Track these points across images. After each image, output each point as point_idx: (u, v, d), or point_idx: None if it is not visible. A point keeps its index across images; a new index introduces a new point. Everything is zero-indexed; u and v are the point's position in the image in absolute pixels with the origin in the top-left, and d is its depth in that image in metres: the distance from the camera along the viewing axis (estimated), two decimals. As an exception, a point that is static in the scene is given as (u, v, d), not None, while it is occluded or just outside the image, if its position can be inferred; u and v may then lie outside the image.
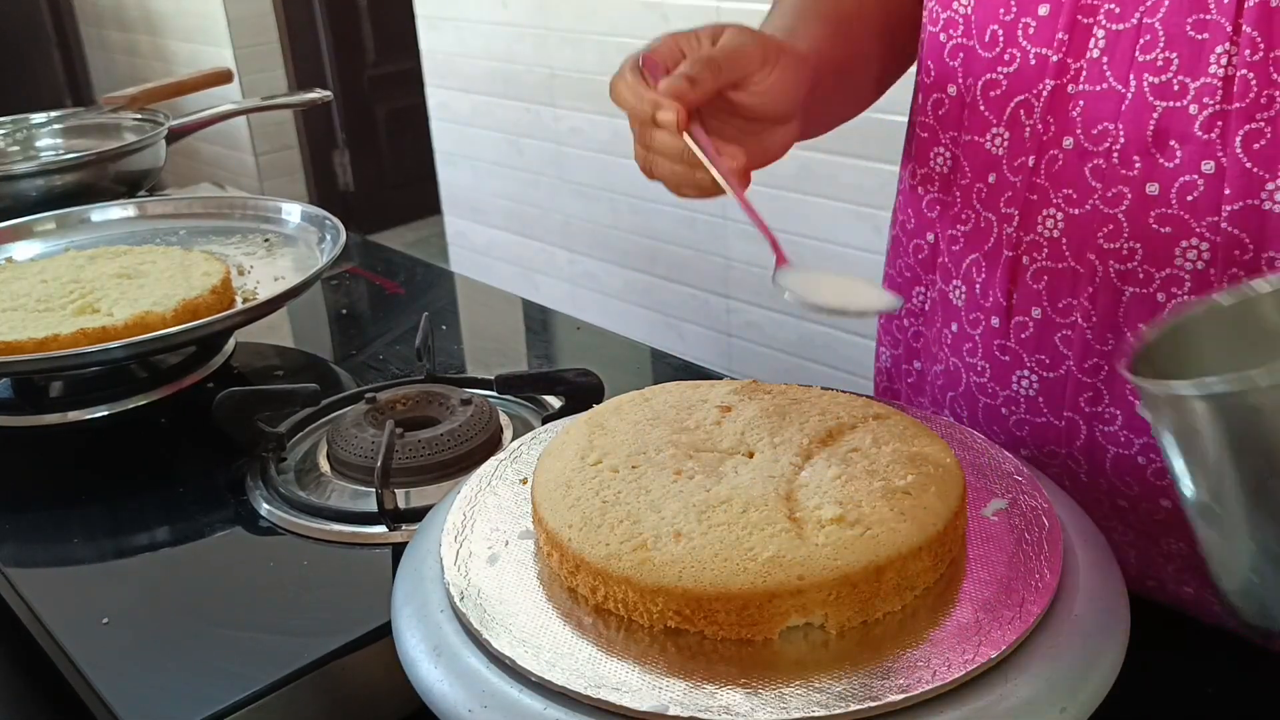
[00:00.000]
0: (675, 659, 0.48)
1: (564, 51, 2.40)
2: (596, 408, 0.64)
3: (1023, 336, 0.70)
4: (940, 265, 0.77)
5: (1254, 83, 0.58)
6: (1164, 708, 0.59)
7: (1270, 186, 0.59)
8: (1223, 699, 0.60)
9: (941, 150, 0.74)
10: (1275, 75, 0.58)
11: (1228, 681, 0.62)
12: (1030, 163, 0.67)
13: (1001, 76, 0.68)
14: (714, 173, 0.61)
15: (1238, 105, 0.59)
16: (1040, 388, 0.71)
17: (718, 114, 0.64)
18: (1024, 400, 0.72)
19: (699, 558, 0.49)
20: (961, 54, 0.71)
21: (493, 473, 0.63)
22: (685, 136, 0.61)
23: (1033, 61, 0.66)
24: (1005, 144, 0.69)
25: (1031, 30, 0.66)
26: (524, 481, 0.62)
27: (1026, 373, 0.71)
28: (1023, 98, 0.67)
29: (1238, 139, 0.59)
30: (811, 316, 2.15)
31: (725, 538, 0.50)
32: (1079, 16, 0.64)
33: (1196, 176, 0.61)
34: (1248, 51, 0.58)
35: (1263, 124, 0.59)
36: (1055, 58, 0.65)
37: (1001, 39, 0.68)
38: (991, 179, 0.70)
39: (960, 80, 0.71)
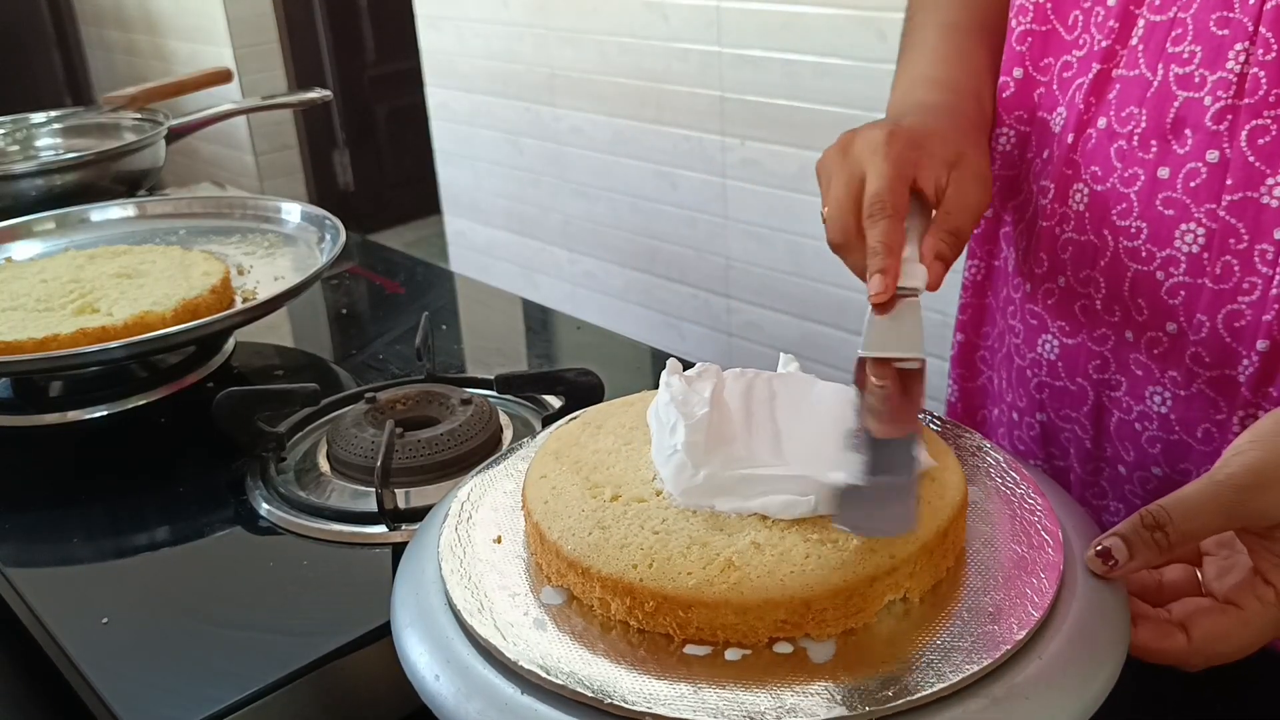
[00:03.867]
0: (664, 658, 0.48)
1: (564, 51, 2.40)
2: (588, 410, 0.64)
3: (1049, 303, 0.74)
4: (1004, 234, 0.81)
5: (1264, 81, 0.61)
6: (1164, 708, 0.59)
7: (1270, 181, 0.62)
8: (1223, 699, 0.60)
9: (1005, 131, 0.77)
10: None
11: (1228, 681, 0.62)
12: (1070, 139, 0.71)
13: (1074, 59, 0.72)
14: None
15: (1247, 101, 0.62)
16: (1060, 352, 0.75)
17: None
18: (1045, 364, 0.76)
19: (793, 562, 0.49)
20: (1030, 39, 0.74)
21: (494, 470, 0.63)
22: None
23: (1095, 47, 0.70)
24: (1062, 121, 0.72)
25: (1100, 17, 0.70)
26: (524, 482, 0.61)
27: (1050, 337, 0.75)
28: (1081, 80, 0.71)
29: (1244, 133, 0.62)
30: (813, 316, 2.15)
31: (805, 536, 0.50)
32: (1130, 6, 0.68)
33: (1201, 164, 0.64)
34: (1261, 51, 0.61)
35: (1269, 121, 0.62)
36: (1105, 44, 0.69)
37: (1080, 23, 0.72)
38: (1046, 154, 0.74)
39: (1028, 63, 0.75)
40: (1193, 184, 0.64)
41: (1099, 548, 0.51)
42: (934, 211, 0.62)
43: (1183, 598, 0.53)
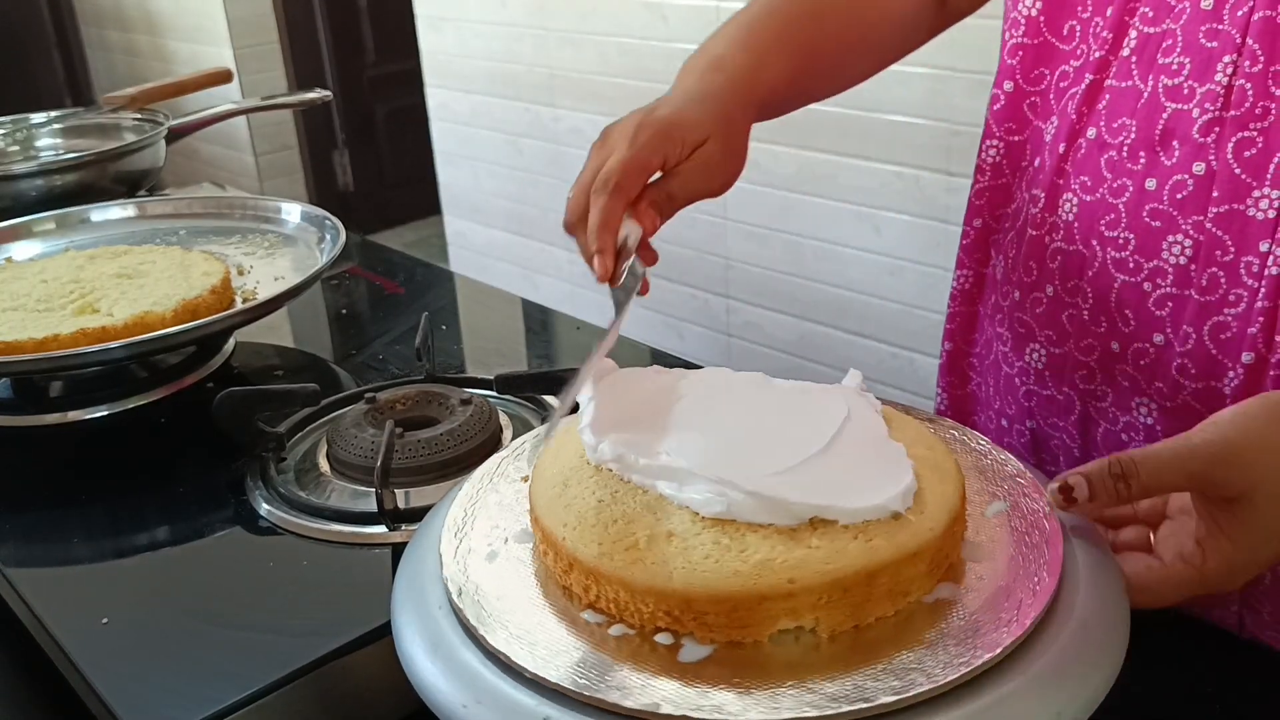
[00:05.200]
0: (666, 658, 0.48)
1: (564, 51, 2.40)
2: None
3: (1037, 311, 0.74)
4: (993, 242, 0.81)
5: (1251, 93, 0.61)
6: (1164, 708, 0.59)
7: (1256, 193, 0.62)
8: (1223, 699, 0.60)
9: (995, 143, 0.78)
10: (1272, 88, 0.61)
11: (1228, 681, 0.62)
12: (1061, 149, 0.71)
13: (1071, 69, 0.72)
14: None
15: (1234, 113, 0.62)
16: (1047, 361, 0.75)
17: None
18: (1033, 372, 0.76)
19: (690, 559, 0.49)
20: (1021, 52, 0.75)
21: (494, 470, 0.63)
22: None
23: (1091, 58, 0.70)
24: (1054, 130, 0.72)
25: (1097, 28, 0.70)
26: (525, 479, 0.61)
27: (1037, 345, 0.75)
28: (1074, 90, 0.71)
29: (1230, 145, 0.62)
30: (812, 316, 2.15)
31: (719, 539, 0.50)
32: (1124, 17, 0.68)
33: (1188, 176, 0.64)
34: (1248, 63, 0.61)
35: (1255, 133, 0.62)
36: (1099, 54, 0.69)
37: (1078, 34, 0.72)
38: (1037, 162, 0.74)
39: (1019, 76, 0.75)
40: (1180, 196, 0.64)
41: (1061, 483, 0.53)
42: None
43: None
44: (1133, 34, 0.67)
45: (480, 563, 0.55)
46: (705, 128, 0.67)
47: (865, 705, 0.44)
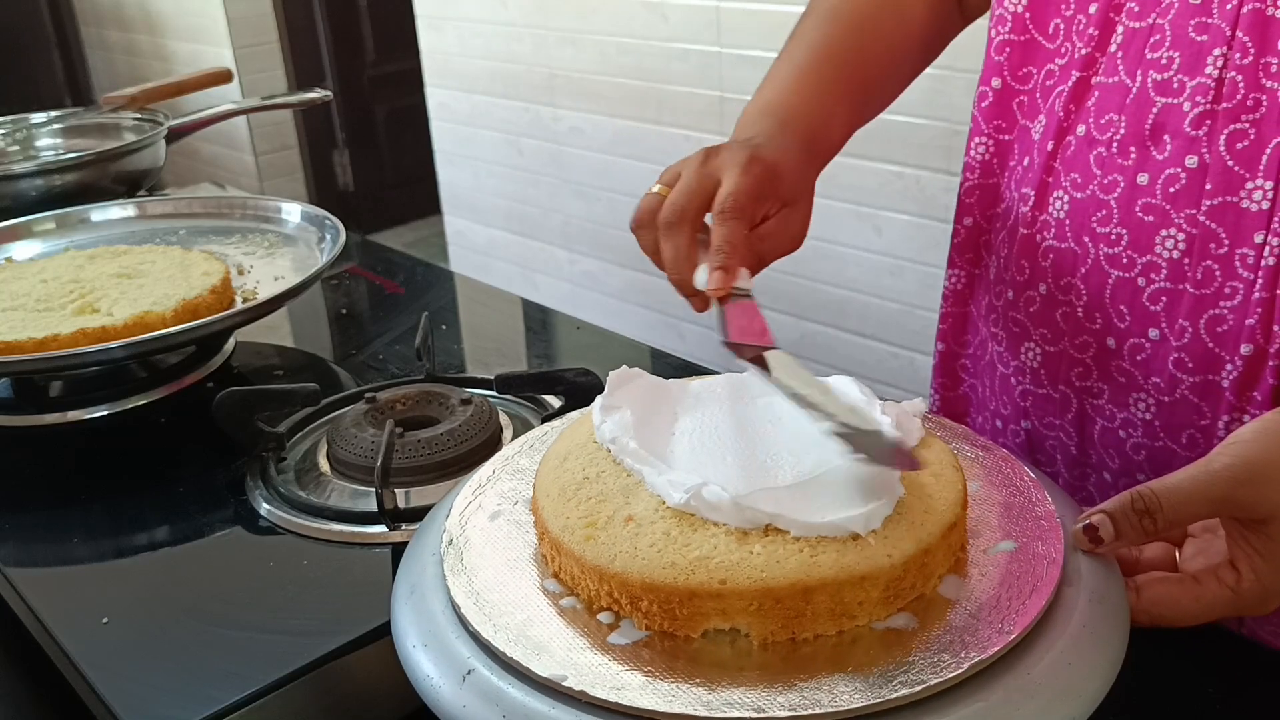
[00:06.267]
0: (600, 637, 0.49)
1: (564, 51, 2.40)
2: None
3: (1030, 310, 0.74)
4: (984, 243, 0.81)
5: (1242, 85, 0.61)
6: (1164, 708, 0.59)
7: (1249, 185, 0.62)
8: (1223, 699, 0.60)
9: (983, 140, 0.78)
10: (1263, 80, 0.61)
11: (1228, 681, 0.62)
12: (1050, 147, 0.71)
13: (1056, 67, 0.72)
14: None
15: (1225, 106, 0.62)
16: (1042, 360, 0.75)
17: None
18: (1029, 371, 0.76)
19: (636, 545, 0.50)
20: (1008, 49, 0.75)
21: (489, 475, 0.63)
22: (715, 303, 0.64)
23: (1077, 55, 0.70)
24: (1042, 129, 0.72)
25: (1081, 25, 0.70)
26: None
27: (1032, 344, 0.75)
28: (1061, 88, 0.71)
29: (1222, 138, 0.62)
30: (813, 316, 2.15)
31: (670, 530, 0.50)
32: (1110, 14, 0.68)
33: (1180, 170, 0.64)
34: (1239, 55, 0.61)
35: (1247, 125, 0.62)
36: (1085, 51, 0.69)
37: (1061, 32, 0.72)
38: (1026, 161, 0.74)
39: (1006, 73, 0.75)
40: (1172, 190, 0.64)
41: (1086, 523, 0.51)
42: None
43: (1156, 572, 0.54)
44: (1119, 30, 0.67)
45: (483, 519, 0.57)
46: (798, 188, 0.69)
47: (755, 715, 0.43)
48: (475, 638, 0.50)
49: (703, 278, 0.64)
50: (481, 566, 0.54)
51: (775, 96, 0.77)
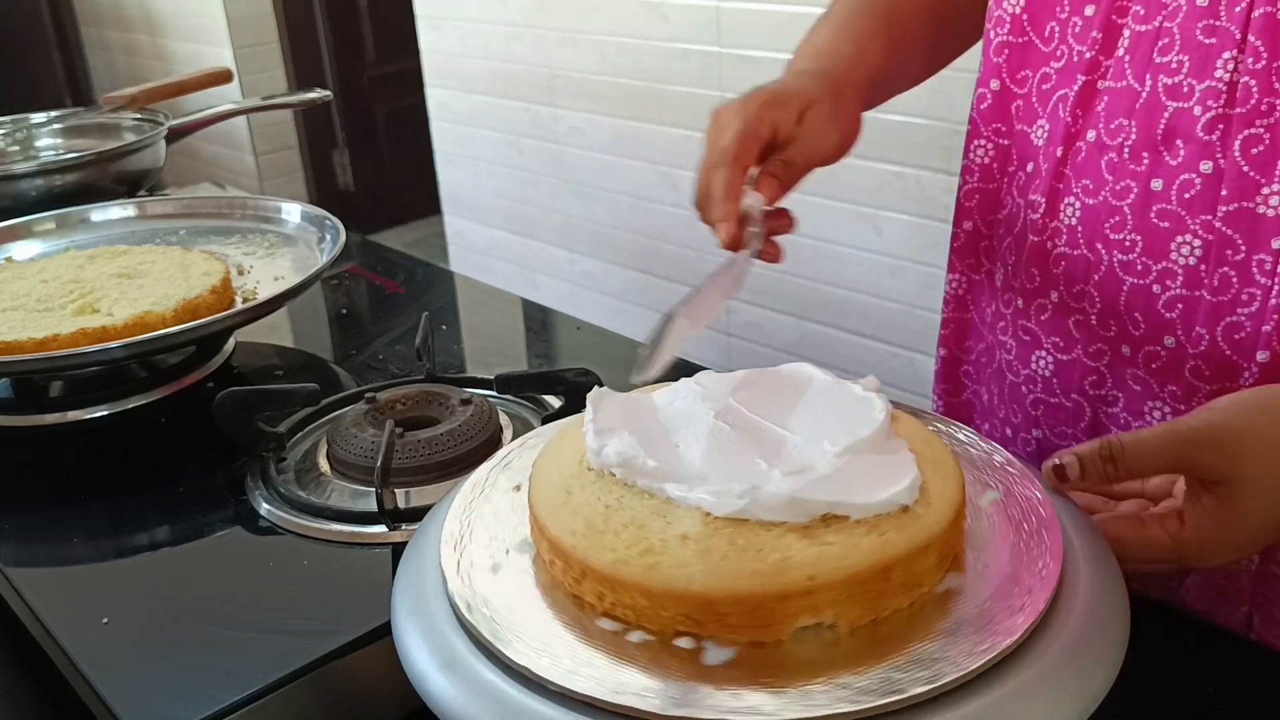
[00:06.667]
0: (691, 663, 0.47)
1: (564, 51, 2.40)
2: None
3: (1042, 318, 0.74)
4: (985, 249, 0.81)
5: (1255, 90, 0.61)
6: (1164, 708, 0.59)
7: (1265, 191, 0.61)
8: (1223, 699, 0.60)
9: (983, 143, 0.78)
10: (1277, 84, 0.60)
11: (1228, 681, 0.62)
12: (1059, 153, 0.70)
13: (1053, 71, 0.71)
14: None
15: (1239, 110, 0.61)
16: (1054, 369, 0.74)
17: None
18: (1040, 380, 0.76)
19: (707, 561, 0.48)
20: (1007, 50, 0.74)
21: (485, 480, 0.63)
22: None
23: (1075, 59, 0.69)
24: (1045, 134, 0.72)
25: (1077, 29, 0.69)
26: (517, 488, 0.61)
27: (1043, 353, 0.75)
28: (1063, 92, 0.70)
29: (1237, 143, 0.62)
30: (813, 316, 2.15)
31: (734, 540, 0.49)
32: (1113, 17, 0.67)
33: (1195, 176, 0.63)
34: (1251, 59, 0.61)
35: (1262, 130, 0.61)
36: (1089, 54, 0.68)
37: (1057, 35, 0.71)
38: (1030, 168, 0.73)
39: (1005, 75, 0.75)
40: (1187, 195, 0.64)
41: (1056, 463, 0.56)
42: None
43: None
44: (1126, 33, 0.66)
45: (485, 575, 0.54)
46: (811, 94, 0.69)
47: (899, 697, 0.44)
48: (475, 638, 0.50)
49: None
50: (521, 624, 0.51)
51: (809, 38, 0.79)
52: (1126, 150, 0.66)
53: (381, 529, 0.73)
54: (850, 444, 0.53)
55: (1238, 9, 0.61)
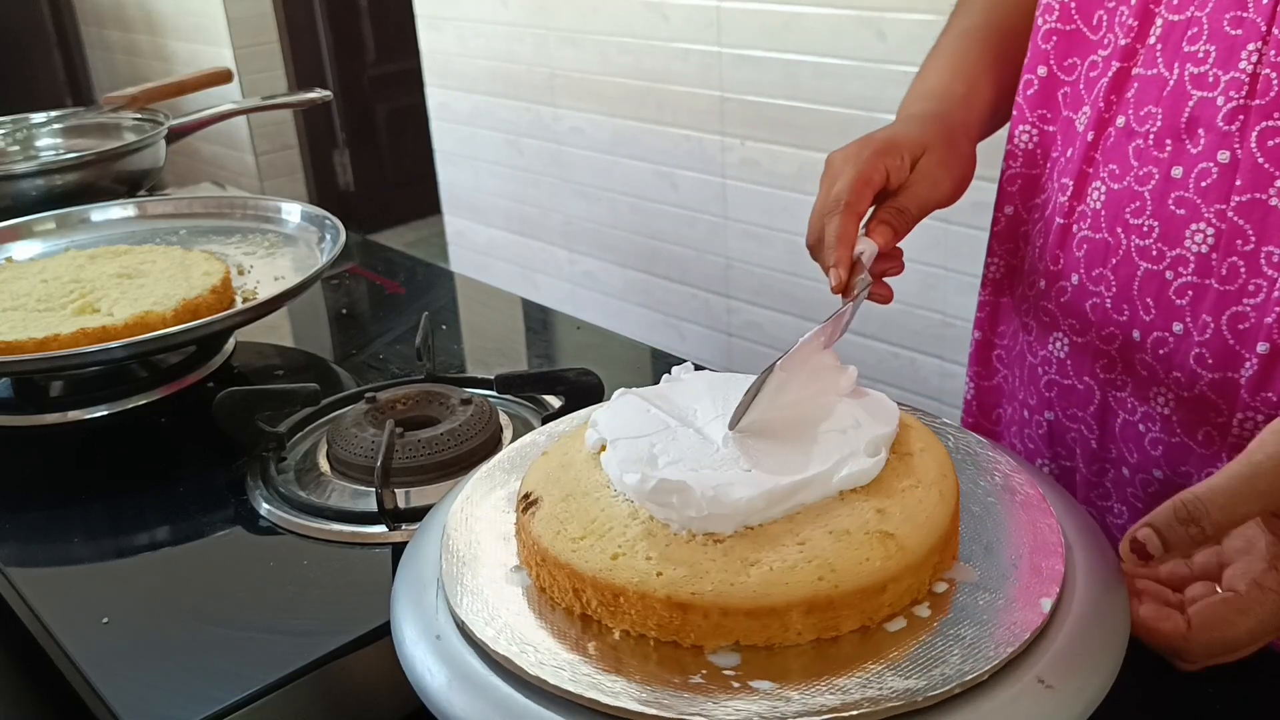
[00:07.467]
0: (687, 667, 0.47)
1: (564, 51, 2.40)
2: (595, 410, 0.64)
3: (1061, 300, 0.75)
4: (1024, 234, 0.81)
5: (1275, 82, 0.61)
6: (1164, 708, 0.59)
7: (1278, 184, 0.62)
8: (1223, 699, 0.60)
9: (1027, 128, 0.79)
10: None
11: (1228, 681, 0.62)
12: (1090, 138, 0.71)
13: (1099, 59, 0.72)
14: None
15: (1259, 102, 0.62)
16: (1070, 351, 0.75)
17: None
18: (1055, 362, 0.77)
19: (706, 568, 0.48)
20: (1055, 37, 0.75)
21: (485, 480, 0.63)
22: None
23: (1117, 46, 0.70)
24: (1086, 119, 0.73)
25: (1122, 16, 0.70)
26: (520, 495, 0.59)
27: (1061, 335, 0.76)
28: (1103, 79, 0.71)
29: (1254, 134, 0.62)
30: (813, 316, 2.15)
31: (732, 547, 0.49)
32: (1150, 5, 0.68)
33: (1212, 164, 0.64)
34: (1274, 52, 0.61)
35: (1278, 123, 0.61)
36: (1124, 42, 0.69)
37: (1104, 24, 0.72)
38: (1070, 152, 0.74)
39: (1052, 62, 0.76)
40: (1204, 184, 0.64)
41: (1133, 539, 0.49)
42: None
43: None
44: (1159, 21, 0.67)
45: (485, 576, 0.54)
46: (924, 140, 0.70)
47: (898, 702, 0.44)
48: (475, 638, 0.50)
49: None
50: (482, 566, 0.53)
51: (920, 80, 0.80)
52: (1152, 137, 0.67)
53: (381, 529, 0.73)
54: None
55: (1265, 1, 0.61)
